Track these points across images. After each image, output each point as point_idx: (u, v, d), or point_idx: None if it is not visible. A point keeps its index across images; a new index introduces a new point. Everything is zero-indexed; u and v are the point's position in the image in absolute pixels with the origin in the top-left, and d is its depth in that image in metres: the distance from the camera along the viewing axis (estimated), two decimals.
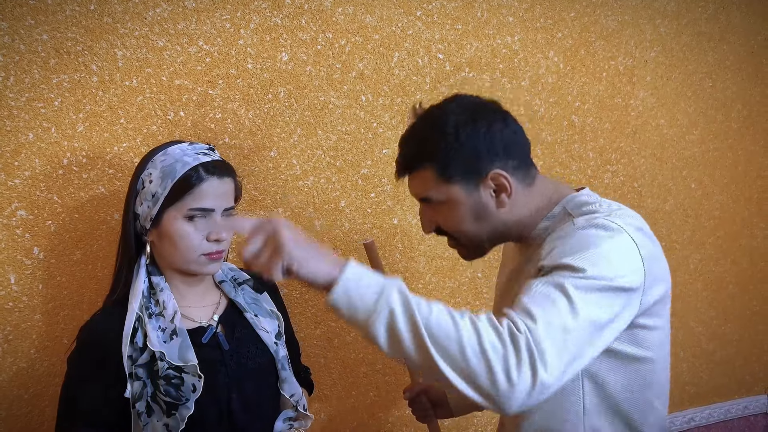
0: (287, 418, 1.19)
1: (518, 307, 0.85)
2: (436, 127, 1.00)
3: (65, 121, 1.34)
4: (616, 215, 0.97)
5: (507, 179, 0.99)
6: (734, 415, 2.35)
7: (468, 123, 0.99)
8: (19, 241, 1.32)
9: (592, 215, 0.97)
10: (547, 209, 1.05)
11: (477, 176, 0.99)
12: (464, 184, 1.00)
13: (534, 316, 0.82)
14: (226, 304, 1.19)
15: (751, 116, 2.26)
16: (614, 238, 0.92)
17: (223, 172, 1.11)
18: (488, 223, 1.02)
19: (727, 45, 2.17)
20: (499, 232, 1.04)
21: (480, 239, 1.05)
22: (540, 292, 0.86)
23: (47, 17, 1.30)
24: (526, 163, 1.04)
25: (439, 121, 1.00)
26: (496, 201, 1.01)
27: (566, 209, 1.04)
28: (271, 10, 1.50)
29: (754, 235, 2.33)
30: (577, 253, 0.89)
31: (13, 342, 1.33)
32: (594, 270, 0.87)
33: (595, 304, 0.85)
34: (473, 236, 1.04)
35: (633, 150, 2.04)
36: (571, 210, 1.03)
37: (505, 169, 1.00)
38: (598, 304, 0.86)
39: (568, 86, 1.90)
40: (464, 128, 0.98)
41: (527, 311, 0.83)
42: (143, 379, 1.04)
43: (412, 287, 1.75)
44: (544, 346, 0.79)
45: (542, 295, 0.85)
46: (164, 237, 1.09)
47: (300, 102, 1.56)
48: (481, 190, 1.00)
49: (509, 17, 1.79)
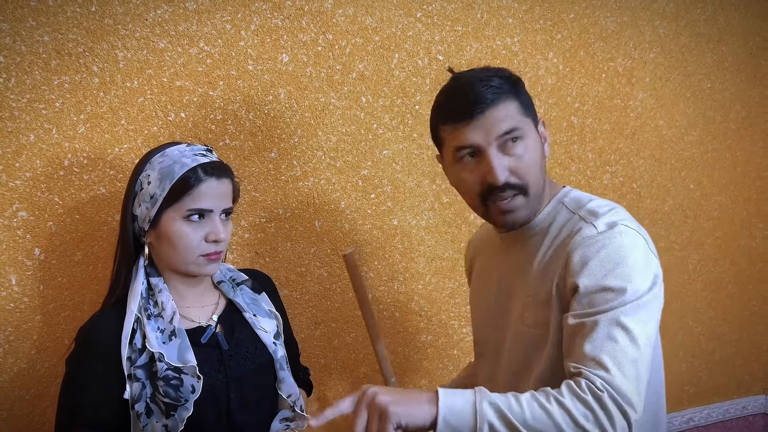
0: (284, 418, 1.19)
1: (587, 360, 0.91)
2: (505, 74, 1.06)
3: (66, 123, 1.34)
4: (622, 215, 1.03)
5: (546, 130, 1.10)
6: (733, 415, 2.35)
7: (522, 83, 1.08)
8: (20, 242, 1.32)
9: (601, 214, 1.02)
10: (543, 200, 1.10)
11: (535, 121, 1.08)
12: (534, 123, 1.07)
13: (606, 365, 0.89)
14: (224, 305, 1.20)
15: (750, 117, 2.26)
16: (637, 245, 0.98)
17: (221, 173, 1.11)
18: (543, 171, 1.08)
19: (726, 46, 2.18)
20: (542, 189, 1.08)
21: (540, 188, 1.08)
22: (600, 337, 0.91)
23: (48, 19, 1.31)
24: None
25: (505, 72, 1.07)
26: (543, 149, 1.08)
27: (564, 204, 1.09)
28: (272, 12, 1.51)
29: (753, 235, 2.34)
30: (611, 271, 0.95)
31: (14, 343, 1.34)
32: (632, 286, 0.94)
33: (644, 322, 0.93)
34: (539, 181, 1.07)
35: (632, 151, 2.05)
36: (569, 205, 1.08)
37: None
38: (646, 320, 0.93)
39: (567, 87, 1.91)
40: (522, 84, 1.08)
41: (598, 362, 0.90)
42: (142, 380, 1.04)
43: (412, 288, 1.76)
44: (624, 390, 0.87)
45: (604, 339, 0.91)
46: (163, 238, 1.09)
47: (300, 103, 1.56)
48: (539, 136, 1.08)
49: (509, 19, 1.80)
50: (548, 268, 1.06)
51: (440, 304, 1.81)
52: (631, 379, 0.88)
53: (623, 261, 0.96)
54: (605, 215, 1.02)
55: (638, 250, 0.98)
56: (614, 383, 0.87)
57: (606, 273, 0.96)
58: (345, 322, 1.69)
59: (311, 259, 1.63)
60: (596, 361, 0.90)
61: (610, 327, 0.92)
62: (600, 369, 0.89)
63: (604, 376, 0.88)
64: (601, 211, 1.03)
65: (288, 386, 1.18)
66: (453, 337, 1.84)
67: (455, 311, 1.83)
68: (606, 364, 0.89)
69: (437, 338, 1.83)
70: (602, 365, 0.89)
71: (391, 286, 1.74)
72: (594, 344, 0.91)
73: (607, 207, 1.05)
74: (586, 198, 1.09)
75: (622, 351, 0.90)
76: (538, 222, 1.10)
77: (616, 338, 0.91)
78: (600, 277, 0.96)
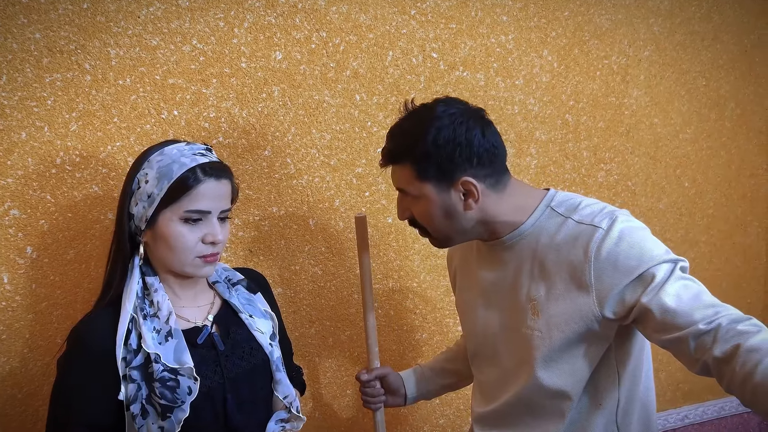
0: (279, 419, 1.18)
1: (703, 313, 0.95)
2: (419, 129, 1.07)
3: (58, 120, 1.33)
4: (614, 209, 1.09)
5: (475, 186, 1.08)
6: (728, 413, 2.35)
7: (448, 129, 1.06)
8: (12, 240, 1.32)
9: (593, 212, 1.08)
10: (527, 211, 1.13)
11: (449, 180, 1.08)
12: (436, 185, 1.08)
13: (715, 305, 0.96)
14: (220, 305, 1.19)
15: (745, 115, 2.27)
16: (639, 227, 1.06)
17: (220, 174, 1.09)
18: (456, 222, 1.11)
19: (721, 44, 2.18)
20: (467, 229, 1.13)
21: (447, 233, 1.14)
22: (687, 295, 0.97)
23: (40, 16, 1.30)
24: (499, 171, 1.11)
25: (423, 125, 1.07)
26: (464, 204, 1.09)
27: (553, 208, 1.12)
28: (265, 9, 1.50)
29: (748, 233, 2.34)
30: (641, 257, 1.01)
31: (6, 341, 1.33)
32: (663, 256, 1.02)
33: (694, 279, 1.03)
34: (442, 229, 1.13)
35: (627, 149, 2.05)
36: (557, 209, 1.11)
37: (475, 177, 1.08)
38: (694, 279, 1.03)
39: (562, 85, 1.91)
40: (444, 134, 1.06)
41: (710, 308, 0.95)
42: (137, 381, 1.03)
43: (406, 286, 1.76)
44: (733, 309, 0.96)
45: (687, 289, 0.98)
46: (159, 238, 1.07)
47: (294, 101, 1.56)
48: (452, 193, 1.09)
49: (503, 16, 1.79)
50: (553, 273, 1.08)
51: (435, 301, 1.81)
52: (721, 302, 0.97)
53: (643, 242, 1.02)
54: (600, 212, 1.07)
55: (645, 232, 1.06)
56: (737, 312, 0.94)
57: (643, 262, 1.00)
58: (339, 320, 1.69)
59: (305, 257, 1.62)
60: (709, 305, 0.95)
61: (681, 283, 0.98)
62: (720, 308, 0.94)
63: (726, 311, 0.94)
64: (596, 209, 1.08)
65: (284, 387, 1.17)
66: (448, 334, 1.84)
67: (450, 309, 1.83)
68: (718, 303, 0.95)
69: (432, 336, 1.82)
70: (717, 305, 0.95)
71: (386, 284, 1.74)
72: (691, 302, 0.96)
73: (597, 204, 1.10)
74: (576, 199, 1.13)
75: (708, 294, 0.98)
76: (524, 229, 1.13)
77: (691, 288, 0.98)
78: (636, 268, 1.00)
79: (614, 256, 1.01)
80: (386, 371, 1.39)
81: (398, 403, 1.42)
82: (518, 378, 1.15)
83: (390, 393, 1.41)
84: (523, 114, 1.85)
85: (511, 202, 1.12)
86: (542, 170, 1.91)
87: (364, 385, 1.38)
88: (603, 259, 1.02)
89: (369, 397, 1.38)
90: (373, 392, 1.38)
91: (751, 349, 0.86)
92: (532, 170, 1.89)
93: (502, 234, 1.14)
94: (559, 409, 1.12)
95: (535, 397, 1.14)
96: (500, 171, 1.11)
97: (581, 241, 1.04)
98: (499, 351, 1.20)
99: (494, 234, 1.15)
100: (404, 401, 1.42)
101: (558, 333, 1.08)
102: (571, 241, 1.06)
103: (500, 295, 1.18)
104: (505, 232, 1.13)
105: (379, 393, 1.38)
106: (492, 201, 1.10)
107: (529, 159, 1.88)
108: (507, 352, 1.18)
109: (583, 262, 1.03)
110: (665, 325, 0.96)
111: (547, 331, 1.09)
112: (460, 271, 1.33)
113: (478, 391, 1.30)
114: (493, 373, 1.23)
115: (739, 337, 0.88)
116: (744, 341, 0.87)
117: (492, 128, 1.11)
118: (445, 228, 1.12)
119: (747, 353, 0.86)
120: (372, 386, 1.38)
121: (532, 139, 1.88)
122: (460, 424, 1.89)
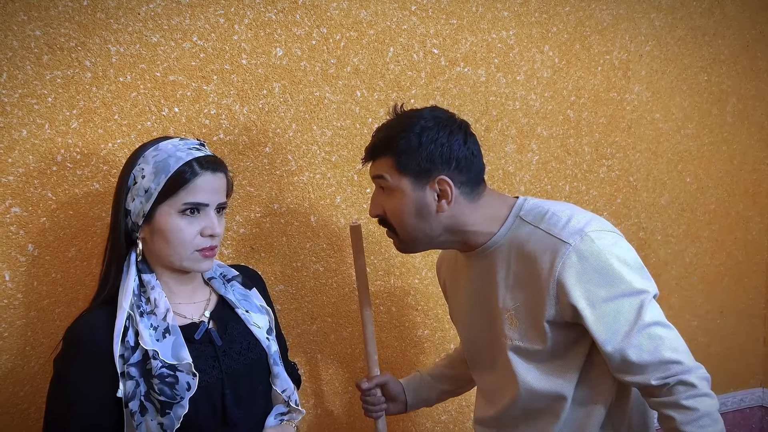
0: (279, 413, 1.18)
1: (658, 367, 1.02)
2: (404, 125, 1.11)
3: (59, 118, 1.33)
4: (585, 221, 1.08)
5: (450, 187, 1.10)
6: (730, 408, 2.36)
7: (432, 130, 1.09)
8: (14, 237, 1.32)
9: (561, 223, 1.08)
10: (499, 221, 1.14)
11: (426, 177, 1.10)
12: (413, 181, 1.10)
13: (674, 359, 1.02)
14: (216, 301, 1.19)
15: (746, 110, 2.26)
16: (614, 245, 1.07)
17: (216, 167, 1.10)
18: (426, 223, 1.12)
19: (722, 39, 2.17)
20: (434, 234, 1.14)
21: (414, 235, 1.14)
22: (647, 342, 1.02)
23: (40, 13, 1.29)
24: (474, 181, 1.13)
25: (408, 122, 1.11)
26: (437, 204, 1.11)
27: (521, 218, 1.13)
28: (266, 6, 1.50)
29: (749, 228, 2.34)
30: (605, 281, 1.03)
31: (8, 339, 1.33)
32: (631, 285, 1.04)
33: (654, 304, 1.05)
34: (410, 230, 1.13)
35: (628, 144, 2.05)
36: (526, 218, 1.12)
37: (451, 180, 1.10)
38: (659, 311, 1.05)
39: (563, 81, 1.90)
40: (427, 133, 1.09)
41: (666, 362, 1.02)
42: (136, 378, 1.03)
43: (408, 283, 1.76)
44: (694, 366, 1.04)
45: (651, 339, 1.02)
46: (157, 233, 1.07)
47: (295, 97, 1.55)
48: (427, 191, 1.10)
49: (504, 12, 1.79)
50: (524, 283, 1.10)
51: (437, 298, 1.81)
52: (688, 352, 1.04)
53: (610, 268, 1.03)
54: (568, 224, 1.07)
55: (616, 249, 1.06)
56: (689, 367, 1.01)
57: (607, 283, 1.03)
58: (341, 317, 1.69)
59: (307, 254, 1.62)
60: (663, 362, 1.01)
61: (648, 330, 1.01)
62: (671, 365, 1.01)
63: (678, 369, 1.01)
64: (563, 220, 1.08)
65: (282, 381, 1.18)
66: (449, 331, 1.84)
67: None
68: (672, 359, 1.01)
69: (434, 333, 1.82)
70: (670, 361, 1.01)
71: (388, 280, 1.74)
72: (650, 356, 1.01)
73: (566, 212, 1.10)
74: (543, 207, 1.13)
75: (670, 339, 1.02)
76: (497, 239, 1.14)
77: (654, 338, 1.01)
78: (603, 293, 1.03)
79: (579, 275, 1.03)
80: (386, 379, 1.38)
81: (399, 410, 1.42)
82: (511, 383, 1.16)
83: (391, 400, 1.39)
84: (524, 110, 1.85)
85: (483, 213, 1.14)
86: (543, 166, 1.90)
87: (365, 394, 1.37)
88: (567, 276, 1.03)
89: (370, 406, 1.37)
90: (374, 400, 1.36)
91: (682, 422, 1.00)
92: (534, 166, 1.89)
93: (475, 245, 1.16)
94: (554, 409, 1.14)
95: (530, 401, 1.15)
96: (476, 181, 1.13)
97: (548, 255, 1.06)
98: (491, 358, 1.22)
99: (467, 245, 1.17)
100: (405, 408, 1.41)
101: (536, 340, 1.10)
102: (539, 253, 1.07)
103: (481, 305, 1.20)
104: (479, 243, 1.15)
105: (379, 401, 1.37)
106: (464, 209, 1.12)
107: (530, 155, 1.88)
108: (497, 359, 1.19)
109: (549, 275, 1.05)
110: (619, 369, 1.04)
111: (525, 339, 1.11)
112: (449, 281, 1.35)
113: (481, 396, 1.32)
114: (490, 379, 1.25)
115: (676, 406, 1.01)
116: (678, 413, 1.01)
117: (474, 139, 1.14)
118: (413, 228, 1.12)
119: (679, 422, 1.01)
120: (372, 394, 1.36)
121: (534, 135, 1.88)
122: (463, 420, 1.89)
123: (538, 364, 1.12)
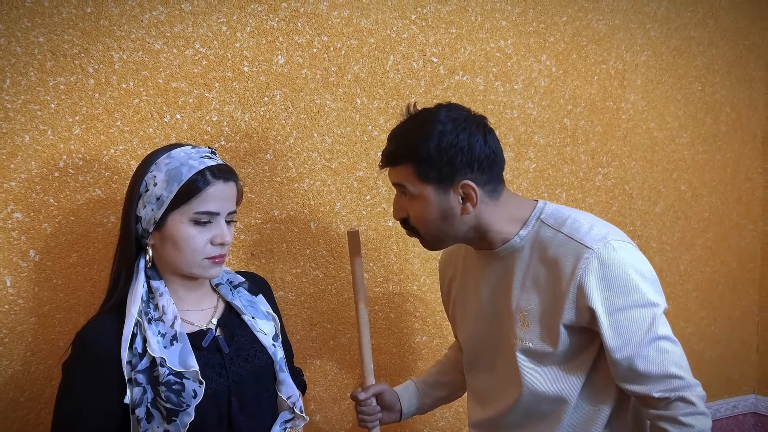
0: (284, 420, 1.19)
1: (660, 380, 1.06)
2: (422, 131, 1.09)
3: (61, 124, 1.33)
4: (607, 228, 1.11)
5: (474, 191, 1.09)
6: (723, 415, 2.38)
7: (451, 134, 1.08)
8: (15, 243, 1.32)
9: (584, 229, 1.10)
10: (519, 222, 1.15)
11: (449, 183, 1.09)
12: (436, 187, 1.10)
13: (676, 374, 1.06)
14: (223, 308, 1.19)
15: (740, 119, 2.29)
16: (632, 256, 1.09)
17: (228, 176, 1.11)
18: (451, 225, 1.12)
19: (716, 49, 2.20)
20: (460, 234, 1.14)
21: (440, 236, 1.15)
22: (655, 354, 1.06)
23: (44, 20, 1.30)
24: (496, 179, 1.13)
25: (426, 127, 1.09)
26: (462, 207, 1.11)
27: (543, 221, 1.14)
28: (268, 14, 1.51)
29: (743, 236, 2.36)
30: (623, 290, 1.06)
31: (9, 345, 1.33)
32: (646, 297, 1.07)
33: (664, 320, 1.10)
34: (435, 233, 1.14)
35: (624, 153, 2.07)
36: (548, 221, 1.13)
37: (475, 182, 1.09)
38: (668, 326, 1.10)
39: (560, 90, 1.92)
40: (446, 138, 1.07)
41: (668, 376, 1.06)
42: (143, 384, 1.03)
43: (406, 289, 1.76)
44: (694, 383, 1.09)
45: (659, 353, 1.06)
46: (167, 240, 1.08)
47: (296, 105, 1.57)
48: (451, 195, 1.10)
49: (502, 21, 1.81)
50: (543, 285, 1.12)
51: (435, 305, 1.82)
52: (689, 369, 1.08)
53: (629, 279, 1.06)
54: (591, 231, 1.09)
55: (635, 260, 1.08)
56: (690, 384, 1.06)
57: (623, 293, 1.06)
58: (340, 323, 1.70)
59: (307, 261, 1.63)
60: (667, 376, 1.05)
61: (656, 343, 1.06)
62: (674, 380, 1.05)
63: (680, 384, 1.05)
64: (586, 226, 1.10)
65: (288, 387, 1.18)
66: (448, 338, 1.85)
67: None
68: (676, 374, 1.05)
69: (432, 339, 1.83)
70: (674, 376, 1.05)
71: (386, 287, 1.75)
72: (657, 369, 1.05)
73: (586, 218, 1.13)
74: (565, 213, 1.14)
75: (676, 354, 1.07)
76: (517, 240, 1.15)
77: (662, 351, 1.06)
78: (617, 300, 1.06)
79: (599, 281, 1.05)
80: (382, 388, 1.36)
81: (393, 419, 1.40)
82: (514, 385, 1.17)
83: (386, 409, 1.38)
84: (521, 118, 1.87)
85: (504, 212, 1.14)
86: (541, 174, 1.92)
87: (361, 404, 1.34)
88: (588, 280, 1.05)
89: (366, 416, 1.34)
90: (370, 410, 1.34)
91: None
92: (531, 174, 1.91)
93: (494, 245, 1.16)
94: (556, 412, 1.14)
95: (532, 403, 1.16)
96: (497, 179, 1.13)
97: (570, 259, 1.07)
98: (493, 359, 1.22)
99: (486, 243, 1.17)
100: (400, 417, 1.40)
101: (547, 342, 1.11)
102: (561, 256, 1.09)
103: (492, 304, 1.21)
104: (498, 243, 1.16)
105: (375, 411, 1.35)
106: (488, 208, 1.12)
107: (527, 163, 1.90)
108: (500, 360, 1.20)
109: (570, 278, 1.07)
110: (624, 377, 1.08)
111: (536, 341, 1.12)
112: (456, 282, 1.34)
113: (474, 398, 1.31)
114: (488, 380, 1.25)
115: (673, 421, 1.06)
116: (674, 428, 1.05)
117: (493, 136, 1.13)
118: (438, 231, 1.13)
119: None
120: (368, 404, 1.34)
121: (531, 143, 1.89)
122: (459, 426, 1.90)
123: (546, 366, 1.13)
